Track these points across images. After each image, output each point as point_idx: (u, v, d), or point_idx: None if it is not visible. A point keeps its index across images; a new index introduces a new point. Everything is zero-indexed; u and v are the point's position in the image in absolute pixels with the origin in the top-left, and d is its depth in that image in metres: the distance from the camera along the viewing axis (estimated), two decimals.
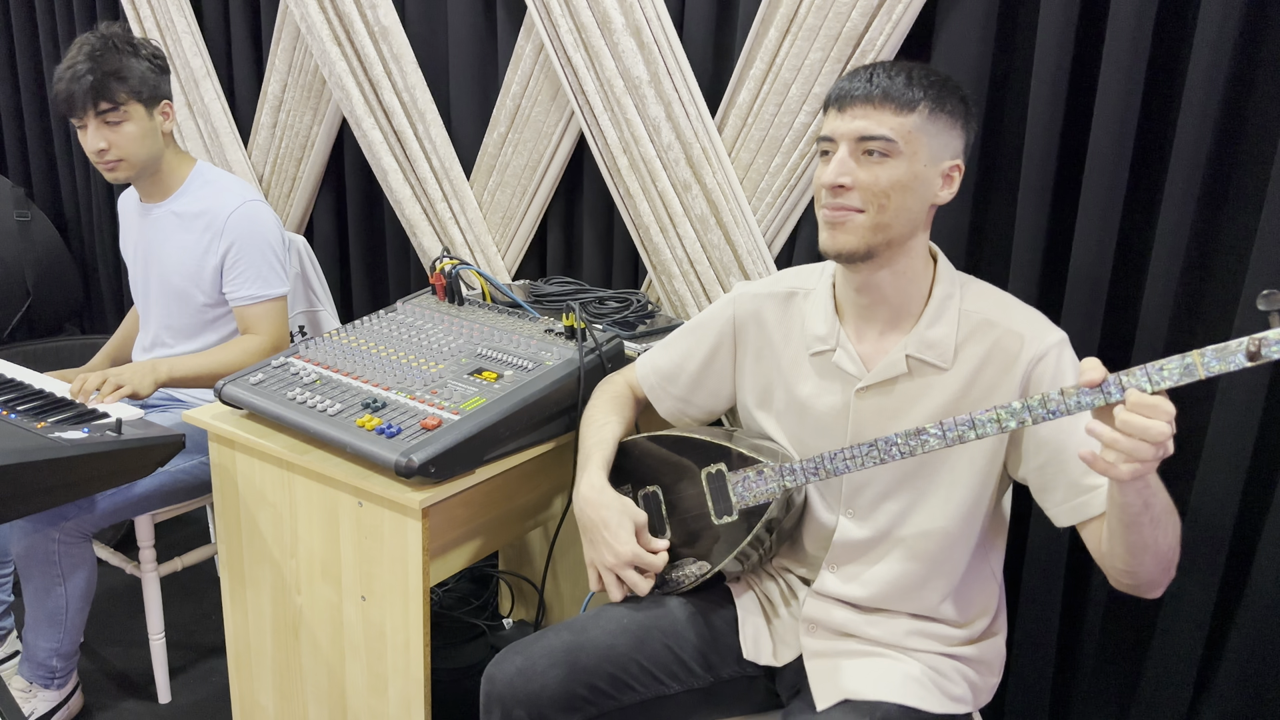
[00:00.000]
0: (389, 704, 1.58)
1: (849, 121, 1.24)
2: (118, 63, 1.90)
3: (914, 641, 1.34)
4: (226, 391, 1.65)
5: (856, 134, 1.23)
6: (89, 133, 1.92)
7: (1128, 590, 1.22)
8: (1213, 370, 1.01)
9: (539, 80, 2.15)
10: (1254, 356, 0.98)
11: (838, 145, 1.25)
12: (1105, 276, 1.58)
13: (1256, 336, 0.98)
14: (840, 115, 1.25)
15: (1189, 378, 1.02)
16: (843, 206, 1.24)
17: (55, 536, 1.87)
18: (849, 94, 1.24)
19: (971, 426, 1.15)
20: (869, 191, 1.23)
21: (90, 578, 1.96)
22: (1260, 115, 1.46)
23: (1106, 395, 1.04)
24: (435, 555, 1.49)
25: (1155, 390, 1.02)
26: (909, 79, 1.23)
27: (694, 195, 1.96)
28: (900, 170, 1.23)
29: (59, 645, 1.97)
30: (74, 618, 1.96)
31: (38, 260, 3.17)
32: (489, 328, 1.78)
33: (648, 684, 1.37)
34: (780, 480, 1.33)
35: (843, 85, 1.26)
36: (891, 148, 1.22)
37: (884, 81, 1.23)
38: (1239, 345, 0.99)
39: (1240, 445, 1.50)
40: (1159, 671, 1.65)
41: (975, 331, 1.28)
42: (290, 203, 2.67)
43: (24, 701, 1.98)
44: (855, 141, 1.23)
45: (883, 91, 1.22)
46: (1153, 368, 1.03)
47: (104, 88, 1.88)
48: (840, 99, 1.25)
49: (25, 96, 3.36)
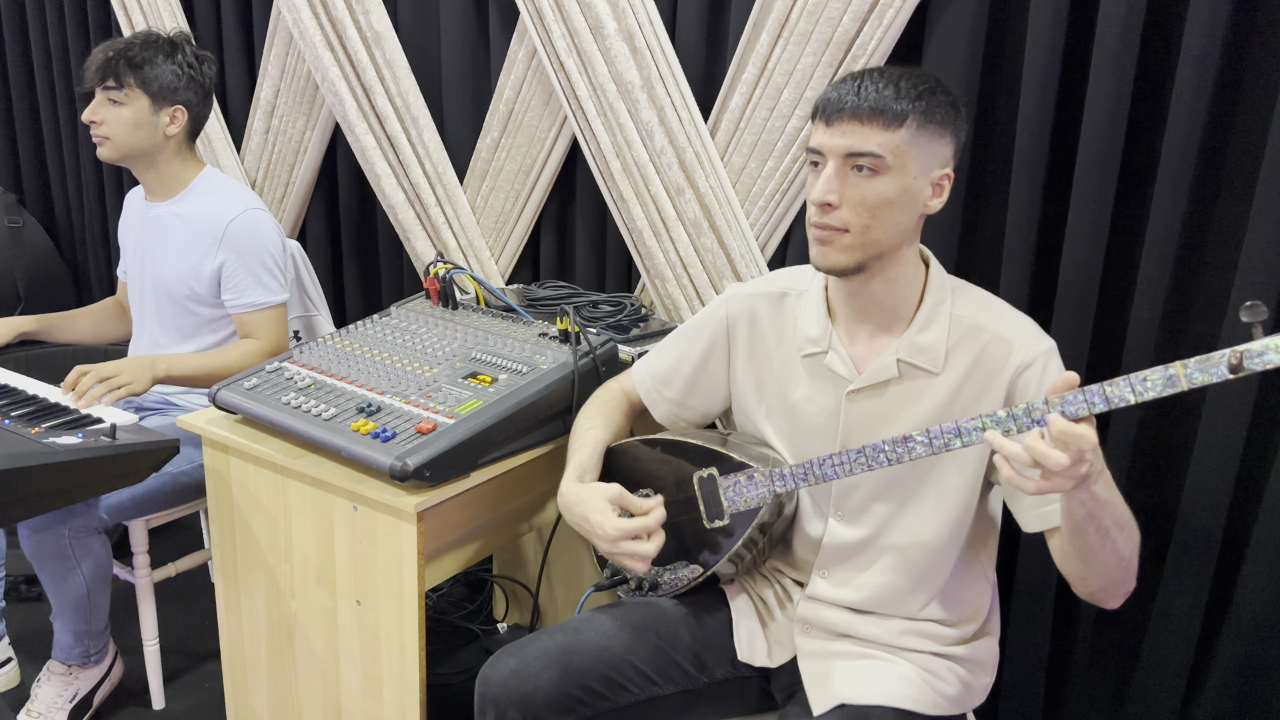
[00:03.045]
0: (384, 708, 1.58)
1: (837, 137, 1.22)
2: (143, 54, 1.96)
3: (907, 641, 1.35)
4: (221, 397, 1.65)
5: (845, 150, 1.22)
6: (92, 103, 1.99)
7: (1086, 598, 1.25)
8: (1195, 382, 1.01)
9: (532, 85, 2.15)
10: (1235, 369, 0.99)
11: (826, 159, 1.24)
12: (1095, 280, 1.59)
13: (1239, 349, 0.99)
14: (828, 129, 1.23)
15: (1172, 388, 1.02)
16: (830, 226, 1.24)
17: (65, 533, 1.88)
18: (837, 107, 1.22)
19: (958, 435, 1.15)
20: (858, 208, 1.22)
21: (106, 559, 1.97)
22: (1249, 116, 1.47)
23: (1090, 404, 1.05)
24: (430, 559, 1.50)
25: (1139, 400, 1.03)
26: (897, 91, 1.21)
27: (687, 199, 1.97)
28: (890, 185, 1.22)
29: (87, 627, 2.01)
30: (96, 599, 1.98)
31: (29, 266, 3.16)
32: (483, 332, 1.78)
33: (641, 685, 1.37)
34: (771, 485, 1.34)
35: (830, 96, 1.24)
36: (880, 164, 1.21)
37: (872, 95, 1.21)
38: (1221, 357, 1.00)
39: (1230, 449, 1.51)
40: (1152, 671, 1.66)
41: (965, 337, 1.29)
42: (284, 208, 2.67)
43: (67, 684, 2.02)
44: (844, 158, 1.22)
45: (870, 106, 1.20)
46: (1136, 378, 1.03)
47: (114, 68, 1.95)
48: (828, 111, 1.23)
49: (16, 101, 3.35)
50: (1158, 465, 1.63)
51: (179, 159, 2.05)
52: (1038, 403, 1.08)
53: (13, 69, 3.31)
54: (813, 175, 1.27)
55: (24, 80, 3.31)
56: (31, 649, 2.26)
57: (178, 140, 2.03)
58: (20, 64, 3.30)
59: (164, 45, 1.99)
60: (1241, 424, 1.49)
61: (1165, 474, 1.62)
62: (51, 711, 1.99)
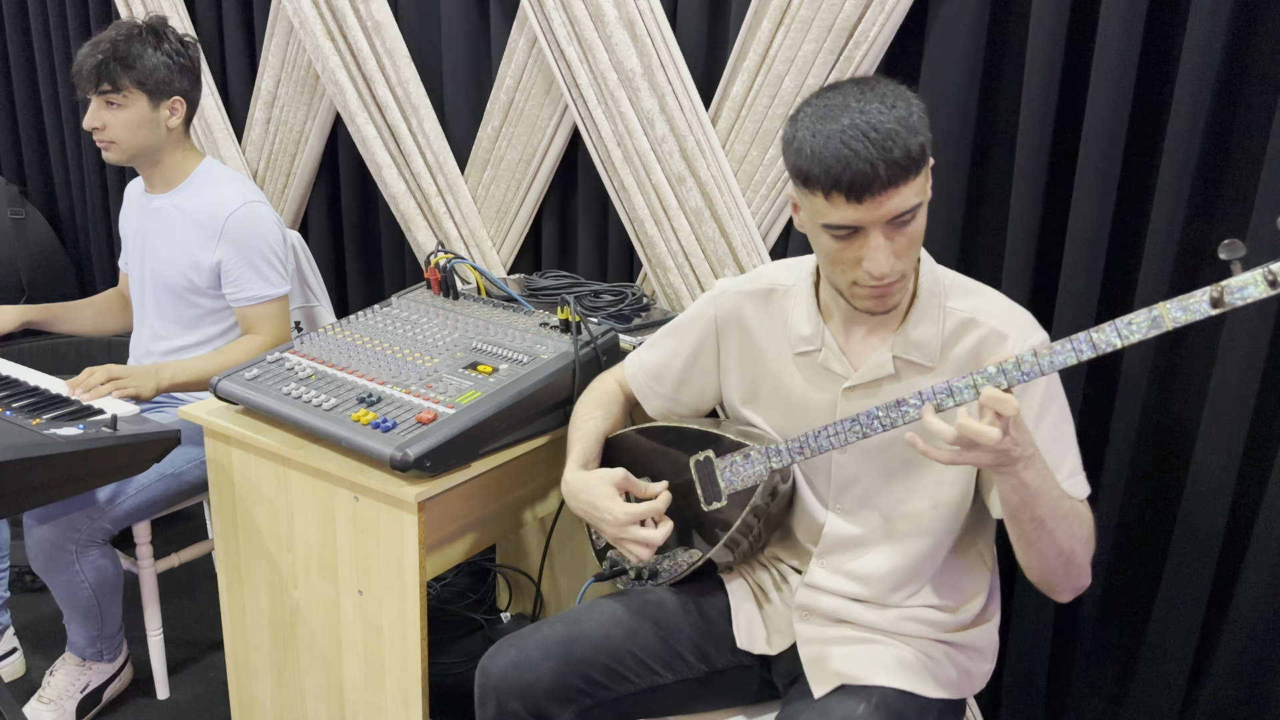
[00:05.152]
0: (386, 698, 1.59)
1: (876, 210, 1.14)
2: (131, 50, 1.92)
3: (906, 628, 1.35)
4: (222, 387, 1.65)
5: (889, 217, 1.15)
6: (90, 109, 1.96)
7: (1038, 587, 1.28)
8: (1178, 320, 1.03)
9: (533, 74, 2.15)
10: (1217, 303, 1.00)
11: (868, 230, 1.17)
12: (1097, 280, 1.58)
13: (1220, 284, 1.00)
14: (859, 206, 1.14)
15: (1156, 329, 1.04)
16: (892, 283, 1.21)
17: (71, 549, 1.88)
18: (863, 182, 1.12)
19: (950, 394, 1.15)
20: (909, 252, 1.20)
21: (114, 571, 1.97)
22: (1251, 116, 1.45)
23: (1078, 354, 1.07)
24: (432, 549, 1.50)
25: (1125, 344, 1.05)
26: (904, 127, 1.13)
27: (688, 188, 1.96)
28: (923, 215, 1.20)
29: (99, 631, 2.02)
30: (107, 609, 1.99)
31: (32, 258, 3.17)
32: (484, 322, 1.78)
33: (642, 674, 1.37)
34: (766, 462, 1.34)
35: (841, 173, 1.13)
36: (919, 209, 1.19)
37: (895, 152, 1.12)
38: (1203, 294, 1.01)
39: (1234, 437, 1.50)
40: (1154, 658, 1.65)
41: (960, 330, 1.28)
42: (285, 198, 2.66)
43: (80, 674, 2.04)
44: (888, 223, 1.17)
45: (901, 166, 1.13)
46: (1121, 323, 1.05)
47: (109, 71, 1.91)
48: (854, 190, 1.13)
49: (18, 93, 3.35)
50: (1161, 458, 1.62)
51: (179, 149, 2.04)
52: (1027, 355, 1.10)
53: (15, 60, 3.31)
54: (839, 244, 1.20)
55: (26, 71, 3.31)
56: (37, 639, 2.27)
57: (178, 131, 2.02)
58: (22, 55, 3.29)
59: (148, 37, 1.95)
60: (1247, 406, 1.48)
61: (1168, 467, 1.62)
62: (63, 699, 2.01)
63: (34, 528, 1.86)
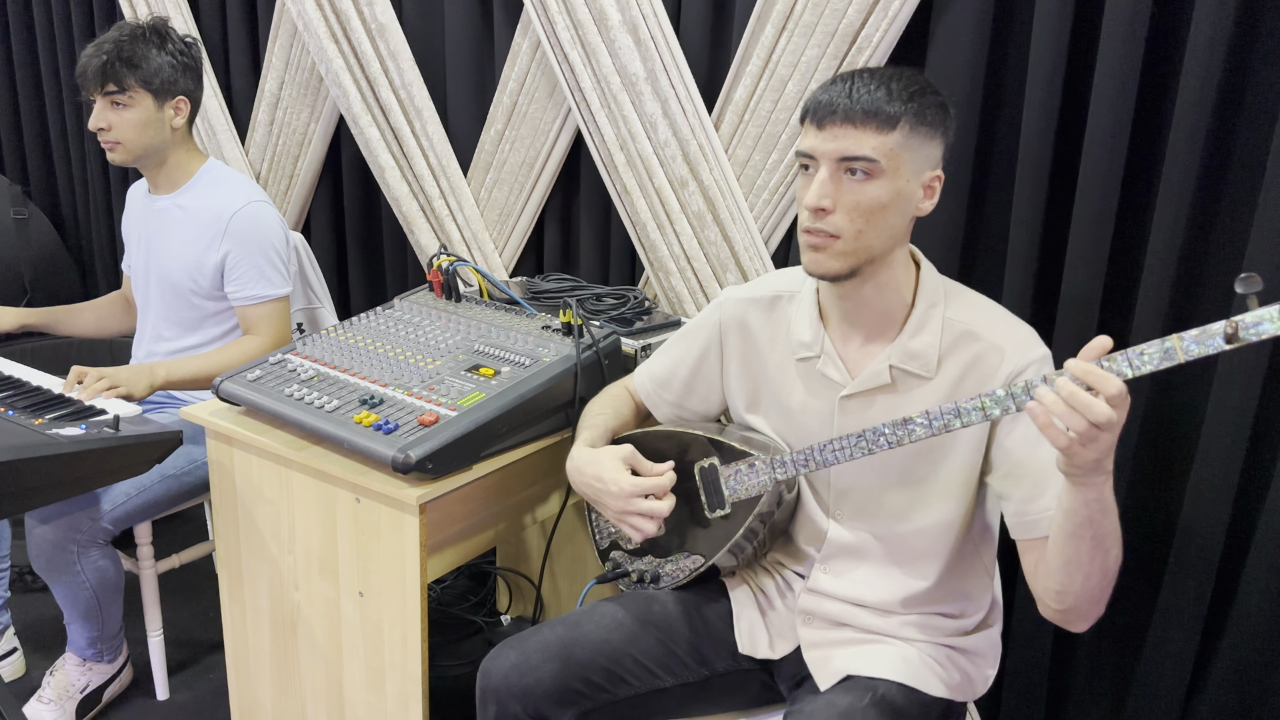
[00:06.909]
0: (387, 700, 1.59)
1: (829, 141, 1.20)
2: (136, 50, 1.93)
3: (909, 632, 1.35)
4: (224, 388, 1.65)
5: (838, 154, 1.20)
6: (95, 110, 1.96)
7: (1054, 618, 1.22)
8: (1192, 354, 1.01)
9: (536, 77, 2.15)
10: (1231, 339, 0.99)
11: (819, 163, 1.22)
12: (1098, 287, 1.58)
13: (1234, 319, 0.99)
14: (820, 133, 1.21)
15: (1169, 362, 1.02)
16: (823, 232, 1.22)
17: (72, 550, 1.88)
18: (828, 109, 1.20)
19: (957, 415, 1.15)
20: (852, 212, 1.21)
21: (115, 572, 1.97)
22: (1253, 123, 1.46)
23: None
24: (433, 551, 1.50)
25: (1136, 375, 1.03)
26: (889, 93, 1.19)
27: (691, 192, 1.97)
28: (883, 189, 1.20)
29: (99, 632, 2.02)
30: (108, 609, 2.00)
31: (35, 258, 3.17)
32: (486, 324, 1.78)
33: (642, 678, 1.37)
34: (771, 473, 1.34)
35: (820, 98, 1.21)
36: (874, 168, 1.19)
37: (864, 97, 1.18)
38: (1217, 329, 1.00)
39: (1234, 446, 1.50)
40: (1155, 664, 1.65)
41: (958, 342, 1.28)
42: (288, 200, 2.67)
43: (81, 674, 2.04)
44: (837, 162, 1.20)
45: (863, 109, 1.18)
46: (1133, 353, 1.03)
47: (114, 71, 1.92)
48: (819, 114, 1.21)
49: (22, 94, 3.36)
50: (1161, 462, 1.62)
51: (183, 150, 2.05)
52: (1036, 380, 1.09)
53: (19, 60, 3.31)
54: (804, 179, 1.25)
55: (30, 72, 3.32)
56: (38, 639, 2.28)
57: (182, 131, 2.03)
58: (26, 55, 3.30)
59: (152, 37, 1.96)
60: (1247, 417, 1.48)
61: (1168, 472, 1.62)
62: (63, 700, 2.01)
63: (35, 528, 1.87)
